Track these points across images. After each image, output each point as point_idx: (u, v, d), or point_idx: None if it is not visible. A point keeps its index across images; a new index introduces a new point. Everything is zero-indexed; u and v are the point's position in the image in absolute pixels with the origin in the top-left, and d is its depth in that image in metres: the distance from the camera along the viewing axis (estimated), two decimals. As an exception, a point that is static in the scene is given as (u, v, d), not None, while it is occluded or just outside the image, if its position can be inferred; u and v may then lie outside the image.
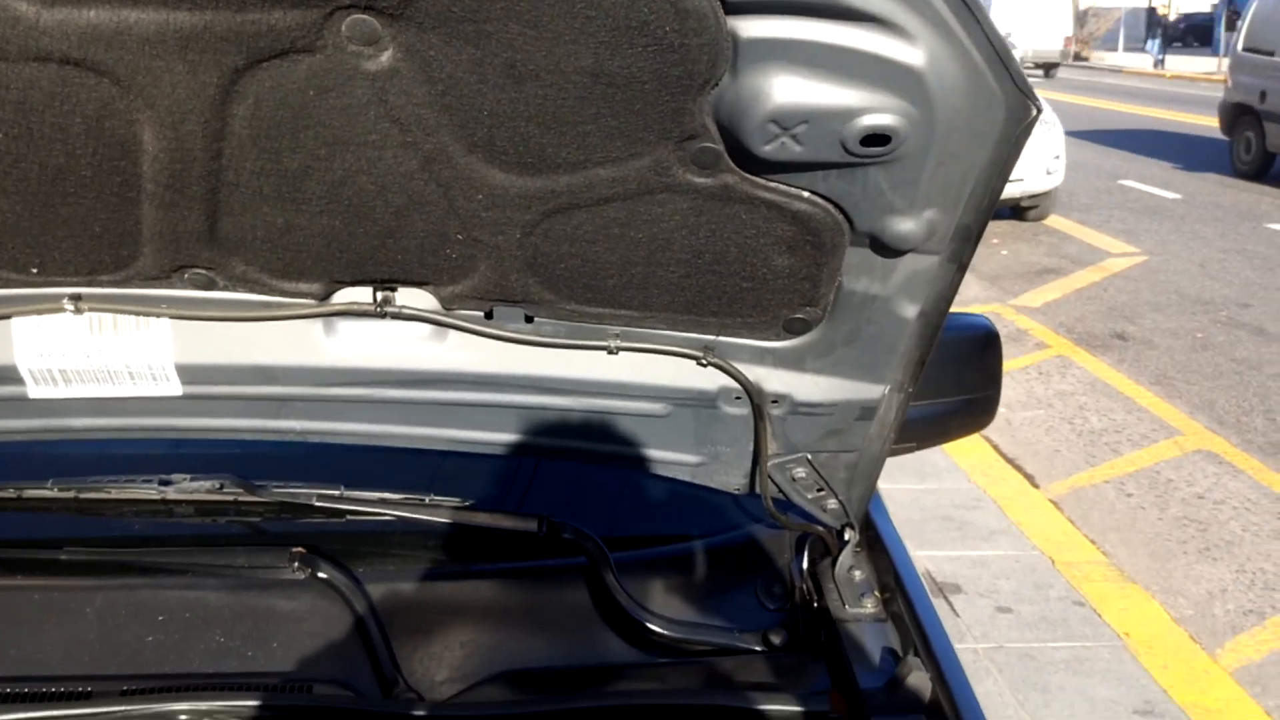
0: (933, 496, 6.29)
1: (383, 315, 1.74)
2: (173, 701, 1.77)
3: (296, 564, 2.01)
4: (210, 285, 1.72)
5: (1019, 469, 6.80)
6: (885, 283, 1.68)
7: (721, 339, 1.80)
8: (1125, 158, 18.86)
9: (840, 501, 2.07)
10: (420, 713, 1.86)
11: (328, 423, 1.95)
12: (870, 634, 2.00)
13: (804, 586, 2.15)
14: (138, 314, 1.76)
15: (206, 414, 1.93)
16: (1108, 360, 8.78)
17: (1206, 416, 7.57)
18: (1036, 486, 6.58)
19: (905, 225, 1.55)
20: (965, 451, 6.78)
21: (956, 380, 2.50)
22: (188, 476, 2.07)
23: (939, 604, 5.26)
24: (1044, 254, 12.25)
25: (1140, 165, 18.03)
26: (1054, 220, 13.68)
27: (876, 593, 2.10)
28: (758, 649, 2.06)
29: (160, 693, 1.80)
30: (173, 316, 1.77)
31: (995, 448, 7.02)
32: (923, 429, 2.48)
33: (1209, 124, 19.85)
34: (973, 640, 5.00)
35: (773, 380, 1.86)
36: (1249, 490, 6.52)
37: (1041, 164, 12.41)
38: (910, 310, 1.73)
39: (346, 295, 1.76)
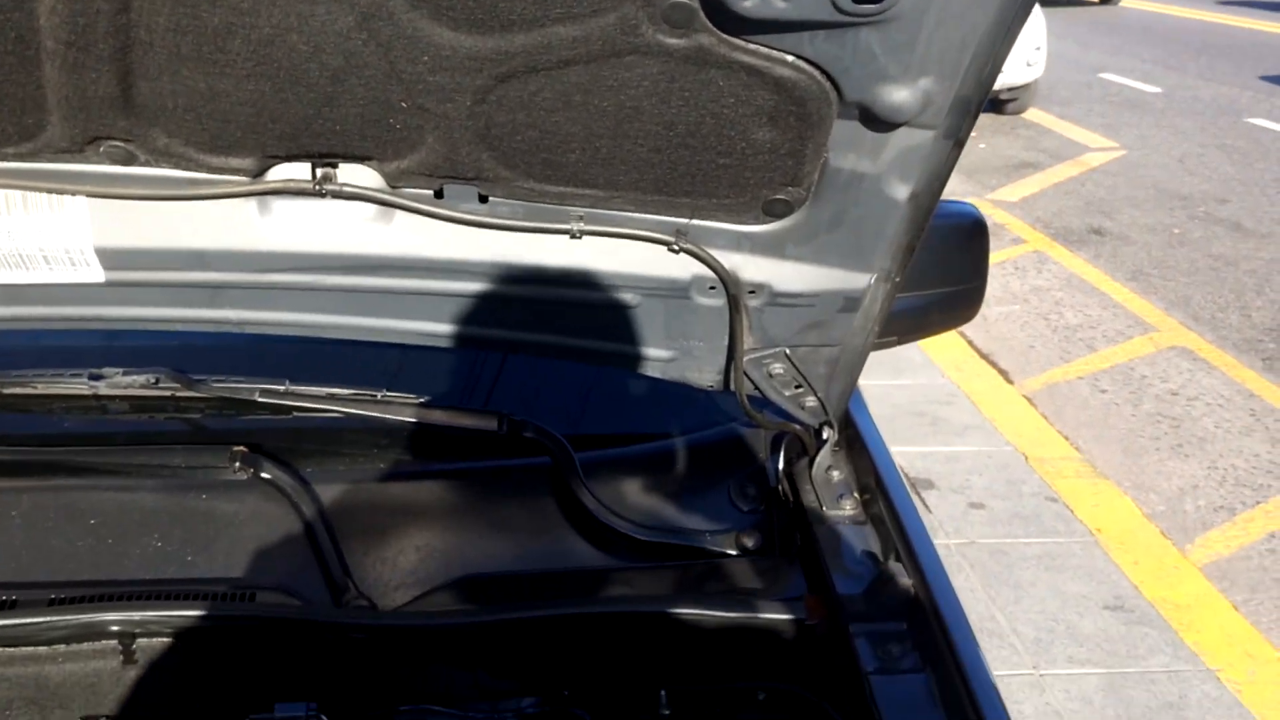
0: (906, 392, 6.21)
1: (322, 194, 1.58)
2: (103, 612, 1.65)
3: (238, 464, 1.88)
4: (130, 160, 1.55)
5: (993, 364, 6.73)
6: (875, 160, 1.53)
7: (695, 222, 1.65)
8: (1107, 50, 18.53)
9: (819, 399, 1.95)
10: (373, 621, 1.75)
11: (267, 312, 1.79)
12: (849, 537, 1.90)
13: (780, 488, 2.04)
14: (50, 191, 1.58)
15: (134, 303, 1.77)
16: (1084, 256, 8.67)
17: (1182, 313, 7.51)
18: (1011, 382, 6.52)
19: (899, 95, 1.39)
20: (940, 347, 6.70)
21: (941, 271, 2.38)
22: (120, 370, 1.93)
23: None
24: (1022, 148, 12.05)
25: (1122, 59, 17.74)
26: (1033, 114, 13.45)
27: (856, 494, 2.00)
28: (730, 553, 1.96)
29: (90, 602, 1.68)
30: (90, 195, 1.60)
31: (970, 343, 6.94)
32: (905, 322, 2.36)
33: (1193, 14, 19.52)
34: (944, 536, 4.96)
35: (750, 268, 1.71)
36: (1222, 387, 6.48)
37: (1021, 56, 12.12)
38: (901, 191, 1.58)
39: (282, 172, 1.59)
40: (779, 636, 1.79)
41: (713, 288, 1.74)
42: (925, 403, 6.14)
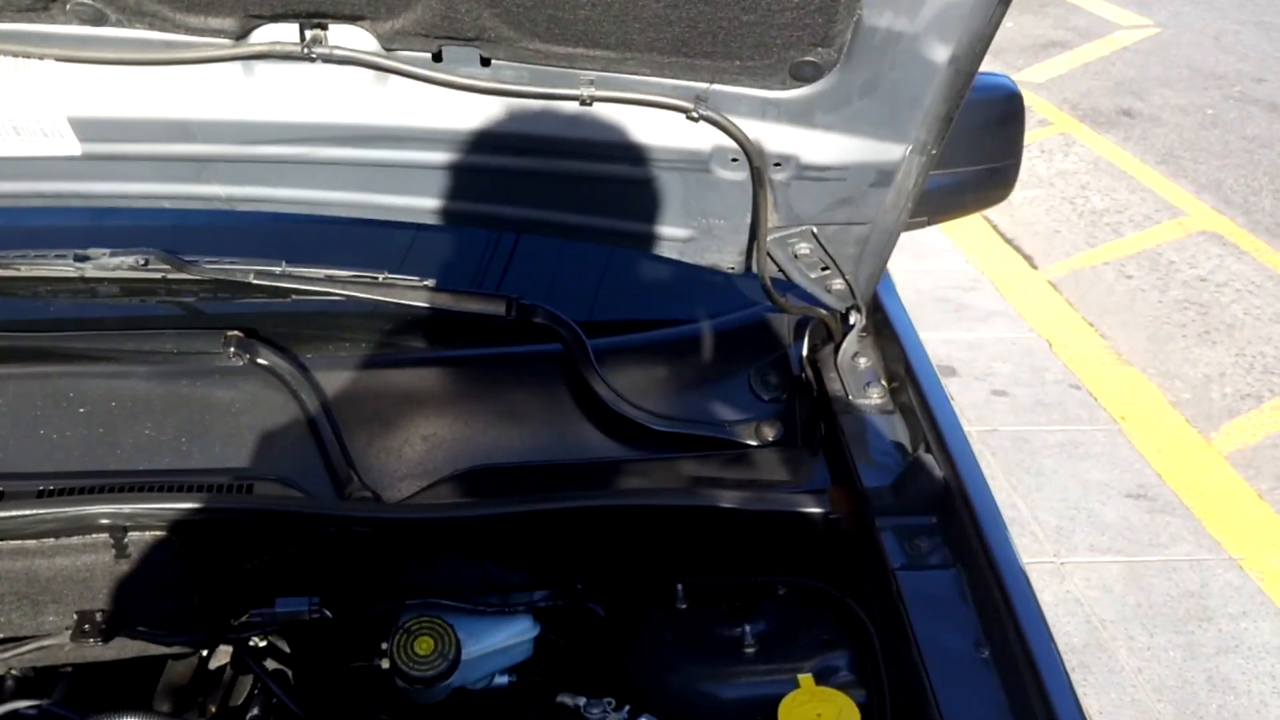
0: (929, 278, 6.07)
1: (311, 58, 1.45)
2: (93, 504, 1.57)
3: (233, 349, 1.78)
4: (100, 19, 1.42)
5: (1018, 250, 6.56)
6: (913, 18, 1.40)
7: (716, 88, 1.52)
8: (1139, -78, 17.83)
9: (847, 281, 1.84)
10: (377, 514, 1.67)
11: (257, 188, 1.68)
12: (876, 426, 1.80)
13: (803, 376, 1.94)
14: (15, 54, 1.46)
15: (114, 177, 1.66)
16: (1113, 138, 8.41)
17: (1213, 196, 7.29)
18: (1035, 268, 6.36)
19: None
20: (963, 231, 6.53)
21: (975, 147, 2.25)
22: (107, 251, 1.82)
23: (932, 388, 5.12)
24: (1050, 26, 11.63)
25: (1155, -69, 17.06)
26: (1062, -11, 12.98)
27: (884, 382, 1.90)
28: (751, 443, 1.87)
29: (81, 494, 1.60)
30: (59, 58, 1.47)
31: (994, 227, 6.77)
32: (936, 201, 2.24)
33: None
34: (967, 424, 4.84)
35: (776, 138, 1.58)
36: (1253, 272, 6.31)
37: (1053, -74, 11.66)
38: (940, 54, 1.44)
39: (267, 34, 1.46)
40: (801, 530, 1.71)
41: (734, 160, 1.61)
42: (948, 288, 6.00)
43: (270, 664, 1.88)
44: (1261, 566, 4.09)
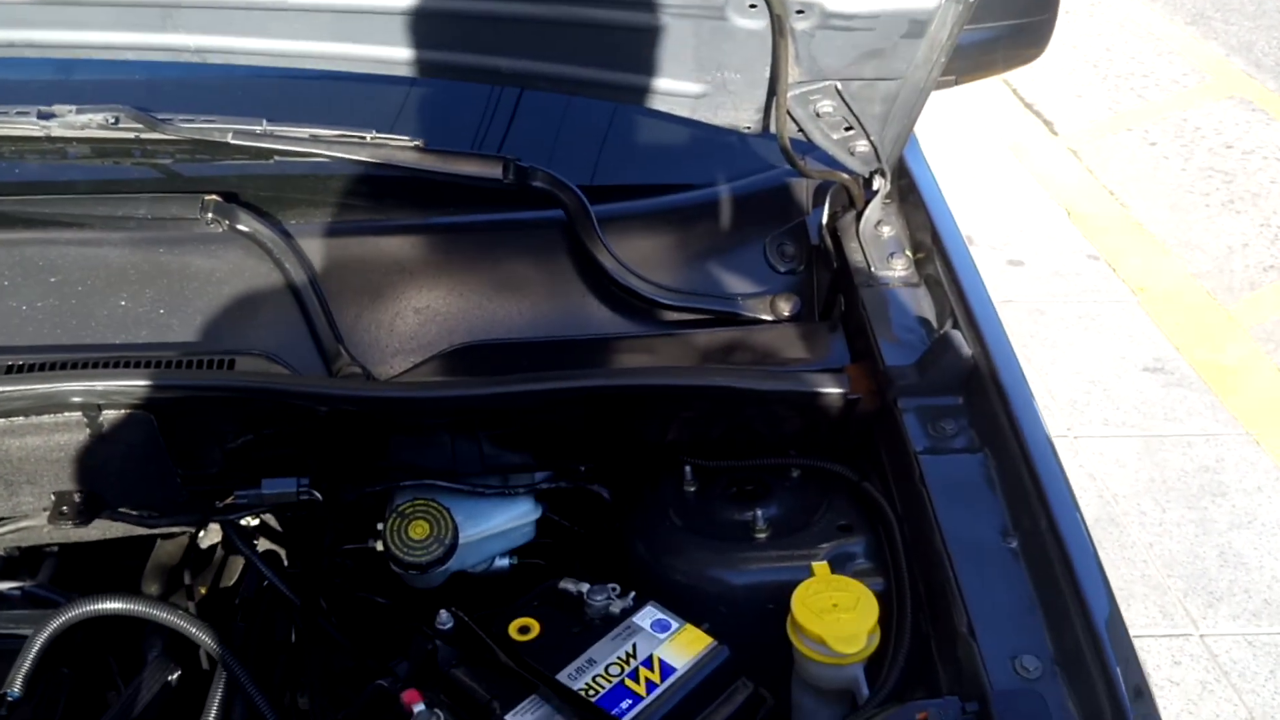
0: (943, 143, 5.88)
1: None
2: (64, 382, 1.47)
3: (211, 214, 1.66)
4: None
5: (1037, 115, 6.34)
6: None
7: (733, -76, 1.36)
8: None
9: (872, 143, 1.70)
10: (368, 393, 1.57)
11: (229, 38, 1.54)
12: (899, 300, 1.69)
13: (822, 245, 1.82)
14: None
15: (72, 25, 1.52)
16: (1141, -4, 8.08)
17: (1244, 59, 7.00)
18: (1056, 134, 6.15)
19: None
20: (981, 95, 6.30)
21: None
22: (73, 108, 1.68)
23: (946, 257, 4.99)
24: (1078, -123, 11.12)
25: None
26: None
27: (908, 253, 1.78)
28: (765, 318, 1.76)
29: (51, 370, 1.50)
30: None
31: (1014, 91, 6.53)
32: (965, 58, 2.08)
33: None
34: (982, 295, 4.76)
35: None
36: (1282, 139, 6.11)
37: None
38: None
39: None
40: (817, 411, 1.61)
41: (753, 5, 1.46)
42: (961, 150, 5.81)
43: (263, 545, 1.81)
44: (1278, 443, 4.01)
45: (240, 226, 1.66)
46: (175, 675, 1.58)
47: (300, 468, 1.61)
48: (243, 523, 1.78)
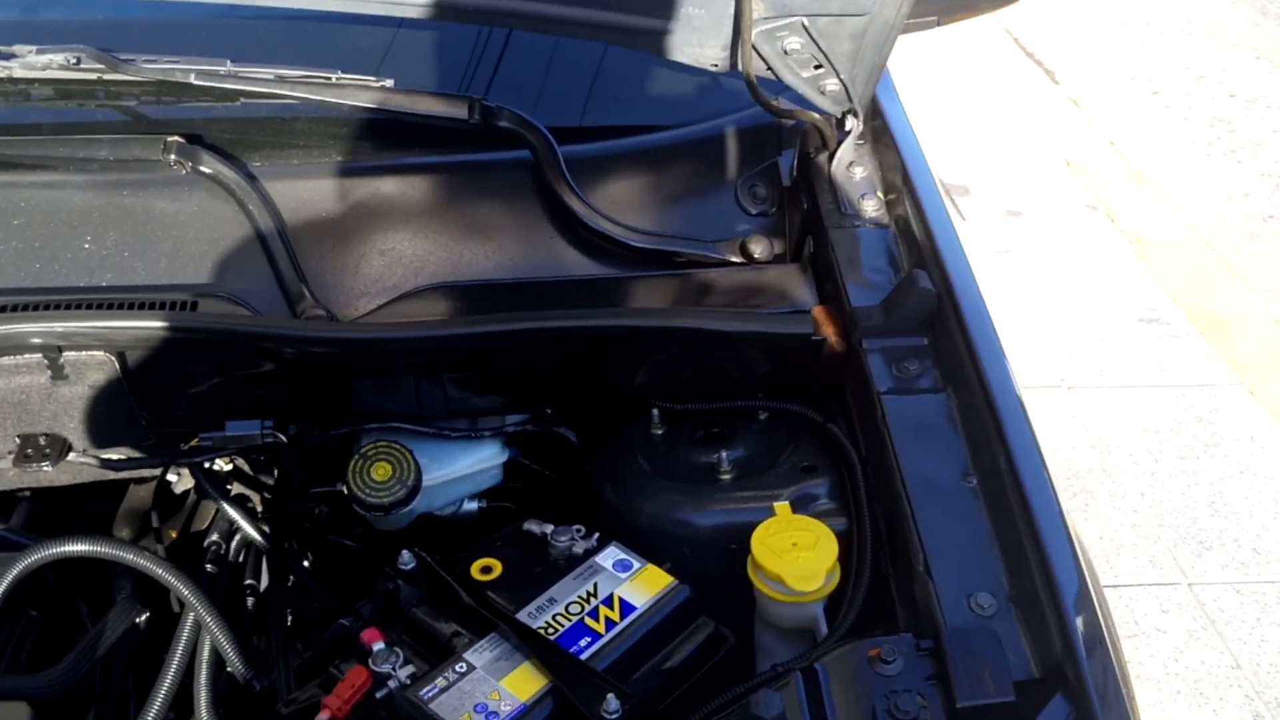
0: (940, 92, 5.82)
1: None
2: (21, 323, 1.47)
3: (174, 156, 1.65)
4: None
5: (1039, 64, 6.27)
6: None
7: None
8: None
9: (842, 81, 1.68)
10: (331, 333, 1.56)
11: None
12: (868, 241, 1.67)
13: (794, 186, 1.80)
14: None
15: None
16: (1147, -58, 7.95)
17: (1249, 6, 6.90)
18: (1057, 83, 6.09)
19: None
20: (981, 44, 6.24)
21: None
22: (33, 49, 1.67)
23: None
24: None
25: None
26: None
27: (880, 194, 1.76)
28: (735, 260, 1.74)
29: (10, 311, 1.49)
30: None
31: (1015, 40, 6.45)
32: (946, -2, 2.05)
33: None
34: (978, 244, 4.73)
35: None
36: (1286, 88, 6.04)
37: None
38: None
39: None
40: (783, 352, 1.60)
41: None
42: (961, 101, 5.76)
43: (236, 490, 1.82)
44: (1272, 393, 4.00)
45: (203, 168, 1.64)
46: (144, 617, 1.59)
47: (265, 411, 1.61)
48: (215, 468, 1.79)
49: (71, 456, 1.62)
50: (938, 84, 5.88)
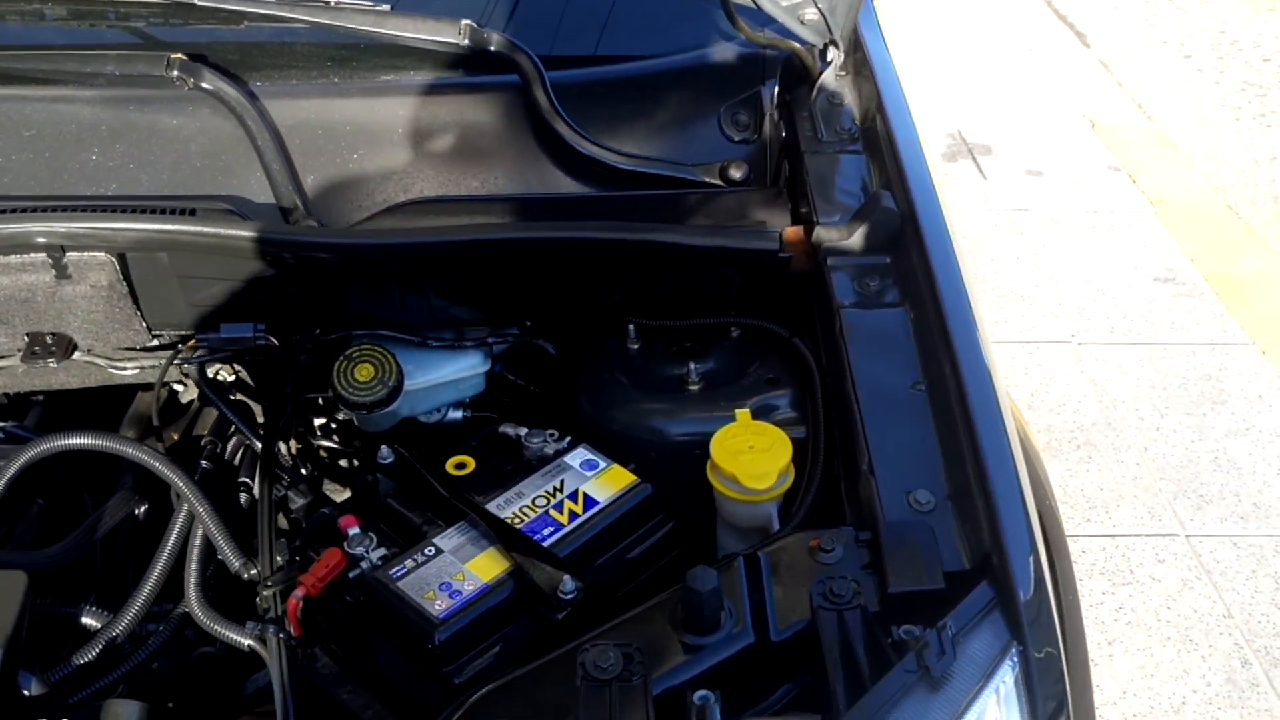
0: (967, 50, 5.81)
1: None
2: (26, 223, 1.55)
3: (176, 73, 1.72)
4: None
5: (1070, 26, 6.24)
6: None
7: None
8: None
9: (821, 11, 1.73)
10: (322, 238, 1.63)
11: None
12: (842, 167, 1.73)
13: (774, 115, 1.85)
14: None
15: None
16: (1189, -94, 7.85)
17: (1289, -29, 6.82)
18: (1087, 46, 6.06)
19: None
20: (1013, 3, 6.21)
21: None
22: None
23: (966, 165, 4.98)
24: None
25: None
26: None
27: (857, 122, 1.81)
28: (715, 183, 1.80)
29: (16, 213, 1.58)
30: None
31: (1048, 2, 6.42)
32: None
33: None
34: (997, 202, 4.75)
35: None
36: (1322, 53, 5.97)
37: None
38: None
39: None
40: (754, 270, 1.66)
41: None
42: (989, 61, 5.75)
43: (237, 398, 1.90)
44: (1285, 352, 4.01)
45: (205, 85, 1.72)
46: (143, 509, 1.68)
47: (259, 317, 1.69)
48: (219, 378, 1.88)
49: (76, 355, 1.72)
50: (967, 44, 5.87)
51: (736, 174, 1.80)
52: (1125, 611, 3.10)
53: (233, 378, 1.92)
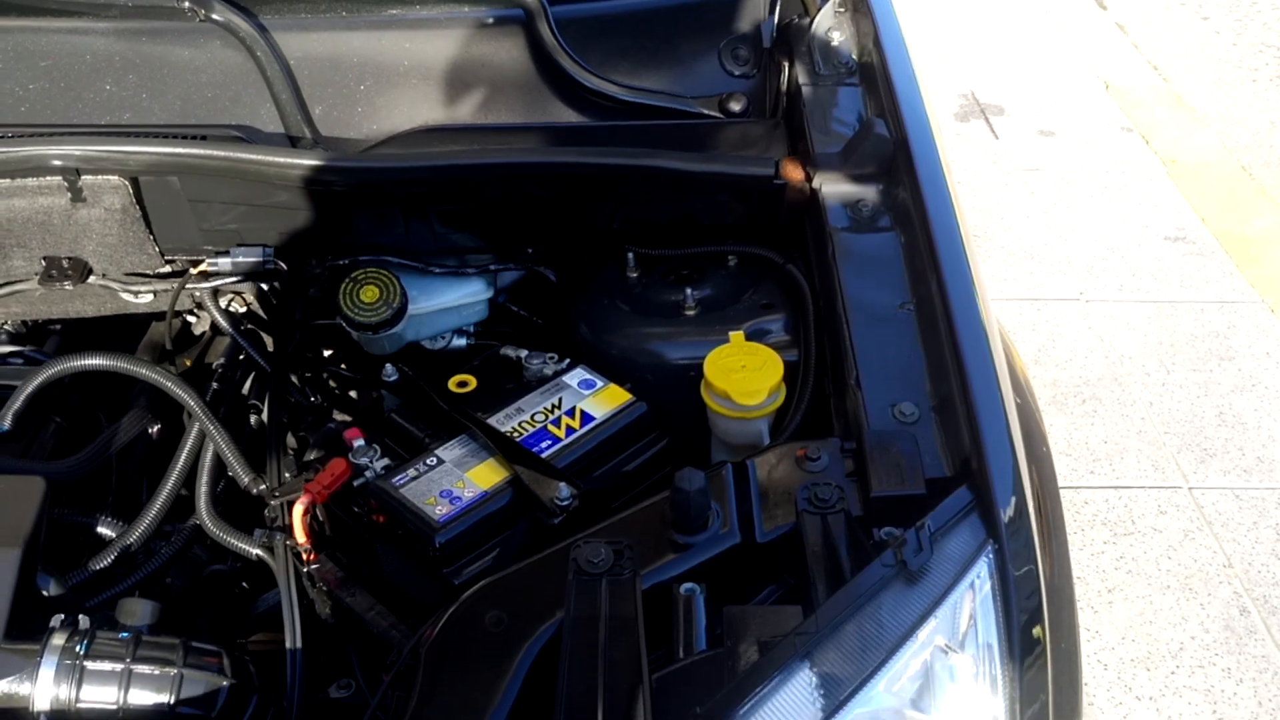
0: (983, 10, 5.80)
1: None
2: (43, 145, 1.60)
3: (189, 5, 1.76)
4: None
5: (1088, -12, 6.21)
6: None
7: None
8: None
9: (819, -54, 1.75)
10: (328, 161, 1.67)
11: None
12: (839, 99, 1.76)
13: (774, 49, 1.88)
14: None
15: None
16: None
17: (1311, -67, 6.76)
18: (1104, 8, 6.03)
19: None
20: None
21: None
22: None
23: (979, 125, 4.98)
24: None
25: None
26: None
27: (855, 57, 1.84)
28: (714, 115, 1.83)
29: (32, 138, 1.63)
30: None
31: (1065, -36, 6.38)
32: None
33: None
34: (1009, 162, 4.76)
35: None
36: (1341, 15, 5.93)
37: None
38: None
39: None
40: (750, 196, 1.70)
41: None
42: (1004, 23, 5.73)
43: (246, 328, 1.95)
44: (1294, 311, 4.01)
45: (216, 17, 1.76)
46: (156, 429, 1.73)
47: (269, 241, 1.74)
48: (231, 309, 1.93)
49: (91, 280, 1.77)
50: (983, 5, 5.86)
51: (735, 106, 1.84)
52: (1126, 561, 3.13)
53: (244, 309, 1.97)
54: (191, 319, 2.02)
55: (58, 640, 1.29)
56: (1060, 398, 3.64)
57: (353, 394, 1.98)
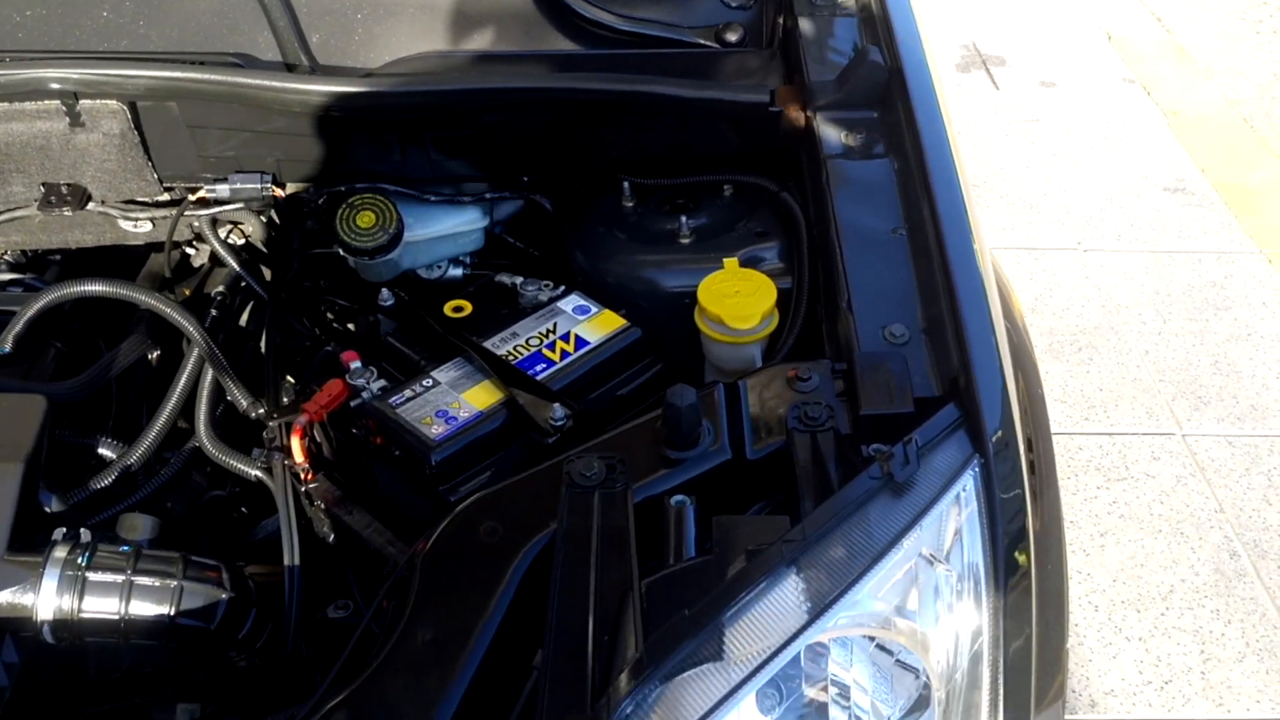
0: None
1: None
2: (41, 68, 1.61)
3: (185, -69, 1.76)
4: None
5: (1092, -61, 6.15)
6: None
7: None
8: None
9: (817, -125, 1.75)
10: (323, 85, 1.67)
11: None
12: (834, 28, 1.76)
13: (773, -19, 1.88)
14: None
15: None
16: None
17: (1319, -114, 6.69)
18: (1108, -40, 5.98)
19: None
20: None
21: None
22: None
23: (980, 76, 4.96)
24: None
25: None
26: None
27: (853, -12, 1.83)
28: (712, 45, 1.84)
29: (29, 61, 1.63)
30: None
31: (1070, -85, 6.32)
32: None
33: None
34: (1009, 113, 4.75)
35: None
36: (1347, -32, 5.88)
37: None
38: None
39: None
40: (746, 123, 1.70)
41: None
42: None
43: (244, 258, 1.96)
44: (1291, 261, 4.02)
45: (213, -56, 1.76)
46: (155, 354, 1.75)
47: (266, 169, 1.75)
48: (230, 240, 1.94)
49: (91, 206, 1.78)
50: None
51: (732, 37, 1.84)
52: (1119, 505, 3.16)
53: (242, 241, 1.98)
54: (191, 251, 2.03)
55: (60, 552, 1.31)
56: (1057, 346, 3.65)
57: (350, 327, 1.99)
